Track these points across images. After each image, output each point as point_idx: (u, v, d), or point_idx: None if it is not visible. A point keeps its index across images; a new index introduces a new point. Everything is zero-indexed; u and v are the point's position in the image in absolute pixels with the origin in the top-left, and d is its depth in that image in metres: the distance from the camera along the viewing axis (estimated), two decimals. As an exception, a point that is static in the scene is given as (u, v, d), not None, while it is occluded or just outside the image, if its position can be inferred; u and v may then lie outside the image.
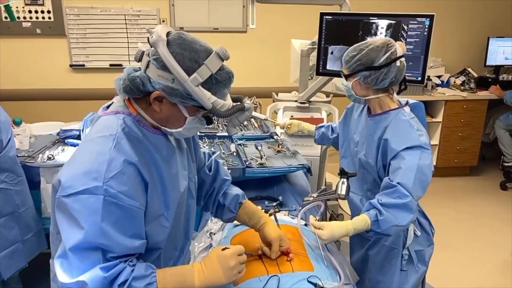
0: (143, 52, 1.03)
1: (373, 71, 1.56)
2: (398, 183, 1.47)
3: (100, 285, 0.95)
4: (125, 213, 0.99)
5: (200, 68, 1.00)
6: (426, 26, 2.10)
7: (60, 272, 0.98)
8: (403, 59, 1.59)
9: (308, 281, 1.20)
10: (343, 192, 1.50)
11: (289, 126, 2.29)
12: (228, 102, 1.08)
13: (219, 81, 1.03)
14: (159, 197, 1.09)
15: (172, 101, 1.03)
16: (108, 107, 1.14)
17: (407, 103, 1.70)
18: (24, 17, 3.83)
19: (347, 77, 1.64)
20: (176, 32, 1.03)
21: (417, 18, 2.16)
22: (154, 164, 1.08)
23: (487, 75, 4.51)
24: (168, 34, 1.01)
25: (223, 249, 1.13)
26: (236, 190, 1.45)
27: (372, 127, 1.67)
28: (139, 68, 1.05)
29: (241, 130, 2.60)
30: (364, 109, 1.77)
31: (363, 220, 1.46)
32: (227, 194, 1.44)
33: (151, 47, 1.01)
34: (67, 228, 0.96)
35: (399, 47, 1.57)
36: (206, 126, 1.14)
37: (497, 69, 4.51)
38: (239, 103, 1.12)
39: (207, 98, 1.01)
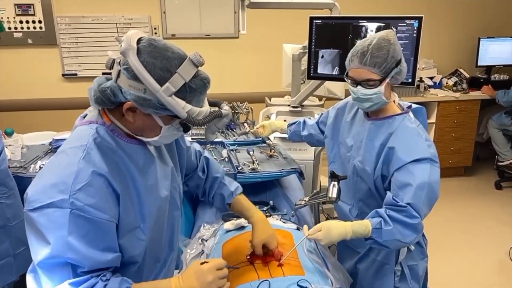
0: (113, 60, 1.00)
1: (400, 65, 1.45)
2: (408, 203, 1.37)
3: None
4: (94, 226, 0.95)
5: (172, 77, 0.96)
6: (415, 28, 2.11)
7: (30, 287, 0.96)
8: None
9: (298, 285, 1.19)
10: (334, 195, 1.49)
11: (261, 130, 2.10)
12: (205, 109, 1.04)
13: (193, 89, 0.99)
14: (134, 208, 1.06)
15: (145, 112, 1.00)
16: (85, 116, 1.11)
17: (410, 107, 1.58)
18: (15, 28, 3.83)
19: (381, 81, 1.44)
20: (147, 39, 0.98)
21: (406, 20, 2.18)
22: (129, 174, 1.05)
23: (479, 75, 4.54)
24: (139, 41, 0.97)
25: (202, 263, 1.09)
26: (224, 190, 1.42)
27: (373, 132, 1.53)
28: (111, 77, 1.02)
29: (234, 136, 2.59)
30: (359, 111, 1.64)
31: (364, 225, 1.39)
32: (216, 195, 1.43)
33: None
34: (35, 243, 0.94)
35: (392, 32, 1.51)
36: (184, 133, 1.10)
37: (489, 69, 4.54)
38: (216, 109, 1.08)
39: (182, 107, 0.97)
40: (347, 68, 1.52)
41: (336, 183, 1.52)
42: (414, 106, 1.60)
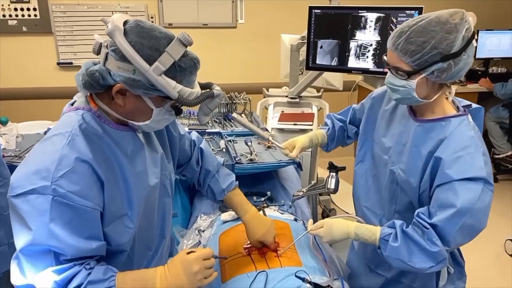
0: (101, 44, 0.98)
1: (451, 60, 1.12)
2: (434, 225, 1.13)
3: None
4: (77, 213, 0.93)
5: (161, 56, 0.94)
6: (415, 19, 2.09)
7: (13, 273, 0.95)
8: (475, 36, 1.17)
9: (296, 276, 1.18)
10: (332, 186, 1.49)
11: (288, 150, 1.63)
12: (196, 90, 1.02)
13: (183, 68, 0.97)
14: (121, 196, 1.04)
15: (135, 93, 0.97)
16: (73, 104, 1.09)
17: (469, 107, 1.28)
18: (10, 15, 3.76)
19: (411, 74, 1.16)
20: (133, 20, 0.97)
21: (406, 11, 2.16)
22: (116, 161, 1.03)
23: (477, 68, 4.53)
24: (125, 23, 0.95)
25: (188, 253, 1.07)
26: (216, 186, 1.39)
27: (421, 136, 1.24)
28: (99, 61, 0.99)
29: (231, 127, 2.58)
30: (402, 107, 1.34)
31: (370, 232, 1.23)
32: (209, 190, 1.41)
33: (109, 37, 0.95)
34: (18, 229, 0.93)
35: (472, 19, 1.16)
36: (175, 116, 1.08)
37: (487, 61, 4.53)
38: (208, 90, 1.06)
39: (172, 87, 0.95)
40: None
41: (334, 174, 1.51)
42: (473, 106, 1.30)
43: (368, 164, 1.46)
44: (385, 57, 1.23)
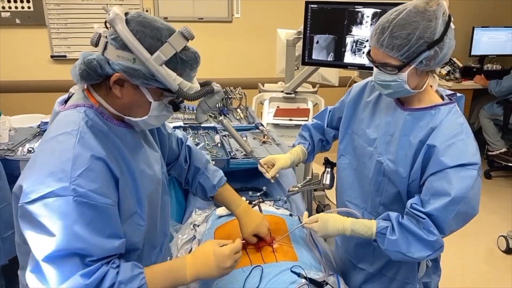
0: (99, 35, 0.95)
1: (436, 46, 1.13)
2: (431, 214, 1.14)
3: None
4: (98, 212, 0.90)
5: (163, 46, 0.92)
6: (411, 15, 2.08)
7: (34, 286, 0.90)
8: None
9: (292, 271, 1.18)
10: (327, 182, 1.49)
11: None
12: (196, 85, 1.00)
13: (184, 61, 0.95)
14: (131, 193, 1.02)
15: (134, 83, 0.95)
16: (66, 101, 1.05)
17: (454, 96, 1.28)
18: (3, 7, 3.72)
19: (401, 67, 1.15)
20: (135, 11, 0.96)
21: (402, 7, 2.15)
22: (122, 158, 1.00)
23: (472, 65, 4.53)
24: (126, 14, 0.94)
25: (221, 246, 1.07)
26: (206, 183, 1.38)
27: (410, 125, 1.23)
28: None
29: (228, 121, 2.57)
30: (386, 97, 1.33)
31: (366, 226, 1.23)
32: (199, 188, 1.39)
33: (108, 27, 0.93)
34: (36, 238, 0.88)
35: (445, 2, 1.16)
36: (173, 113, 1.05)
37: (482, 58, 4.54)
38: (208, 85, 1.05)
39: (173, 79, 0.94)
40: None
41: (329, 169, 1.51)
42: (451, 93, 1.30)
43: (350, 158, 1.45)
44: (368, 56, 1.22)
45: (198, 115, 1.12)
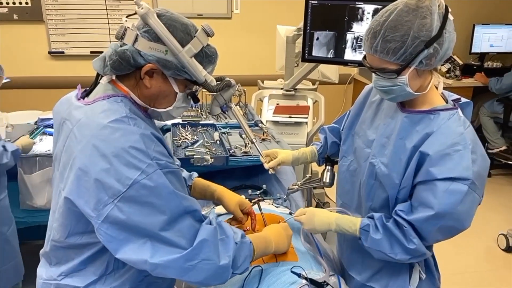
0: (125, 28, 1.00)
1: (435, 43, 1.05)
2: (412, 224, 1.11)
3: (213, 238, 0.99)
4: (177, 177, 1.02)
5: (192, 40, 1.00)
6: (413, 11, 2.06)
7: (164, 258, 0.93)
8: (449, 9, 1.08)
9: (292, 272, 1.17)
10: (328, 180, 1.47)
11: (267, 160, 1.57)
12: (213, 79, 1.09)
13: (208, 55, 1.04)
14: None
15: (165, 74, 1.01)
16: (84, 97, 1.06)
17: (458, 101, 1.20)
18: (1, 3, 3.69)
19: (400, 71, 1.08)
20: (159, 8, 1.03)
21: (404, 3, 2.13)
22: (161, 143, 1.05)
23: (472, 62, 4.52)
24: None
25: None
26: (183, 174, 1.44)
27: (407, 128, 1.16)
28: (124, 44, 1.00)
29: (225, 119, 2.55)
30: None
31: (351, 222, 1.22)
32: None
33: (138, 20, 1.00)
34: (144, 217, 0.92)
35: None
36: (192, 104, 1.15)
37: (482, 56, 4.52)
38: (226, 79, 1.14)
39: (200, 71, 1.02)
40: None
41: (330, 167, 1.50)
42: (463, 100, 1.21)
43: (351, 159, 1.39)
44: (365, 62, 1.15)
45: (213, 107, 1.19)
